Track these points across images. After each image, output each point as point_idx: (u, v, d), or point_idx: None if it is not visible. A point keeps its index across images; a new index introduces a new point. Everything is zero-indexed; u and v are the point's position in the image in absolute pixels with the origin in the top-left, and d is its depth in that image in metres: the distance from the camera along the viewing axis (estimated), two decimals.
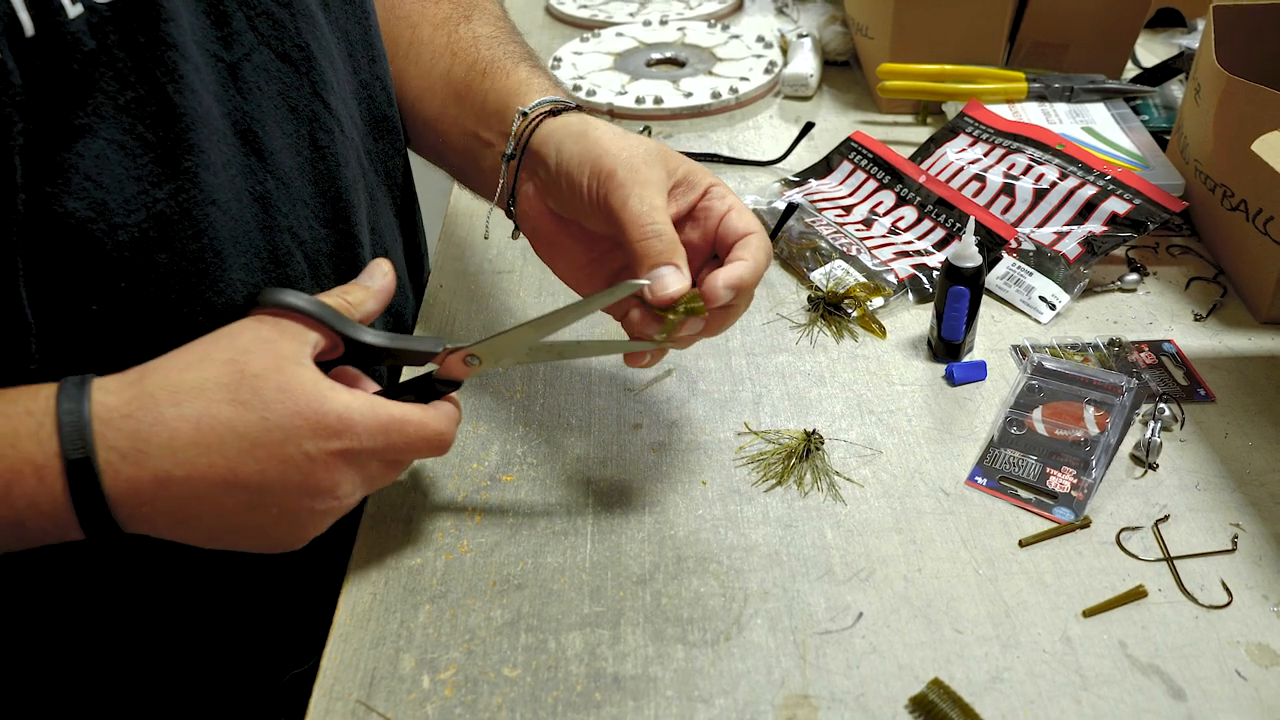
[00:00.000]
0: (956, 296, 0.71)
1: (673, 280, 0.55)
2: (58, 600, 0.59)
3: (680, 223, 0.59)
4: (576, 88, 1.12)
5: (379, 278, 0.58)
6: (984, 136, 0.94)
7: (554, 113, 0.63)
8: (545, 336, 0.56)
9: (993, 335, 0.78)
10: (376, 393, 0.54)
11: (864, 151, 0.95)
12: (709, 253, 0.60)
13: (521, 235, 0.66)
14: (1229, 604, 0.57)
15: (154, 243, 0.52)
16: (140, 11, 0.49)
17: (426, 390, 0.56)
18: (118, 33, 0.48)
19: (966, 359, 0.75)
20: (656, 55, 1.21)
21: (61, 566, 0.57)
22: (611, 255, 0.63)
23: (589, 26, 1.32)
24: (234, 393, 0.48)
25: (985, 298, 0.80)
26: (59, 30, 0.46)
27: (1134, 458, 0.66)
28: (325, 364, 0.53)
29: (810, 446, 0.67)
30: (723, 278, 0.55)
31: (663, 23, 1.29)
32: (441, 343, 0.56)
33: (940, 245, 0.86)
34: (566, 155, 0.59)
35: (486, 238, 0.72)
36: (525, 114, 0.63)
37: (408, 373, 0.56)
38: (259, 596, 0.66)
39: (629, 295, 0.56)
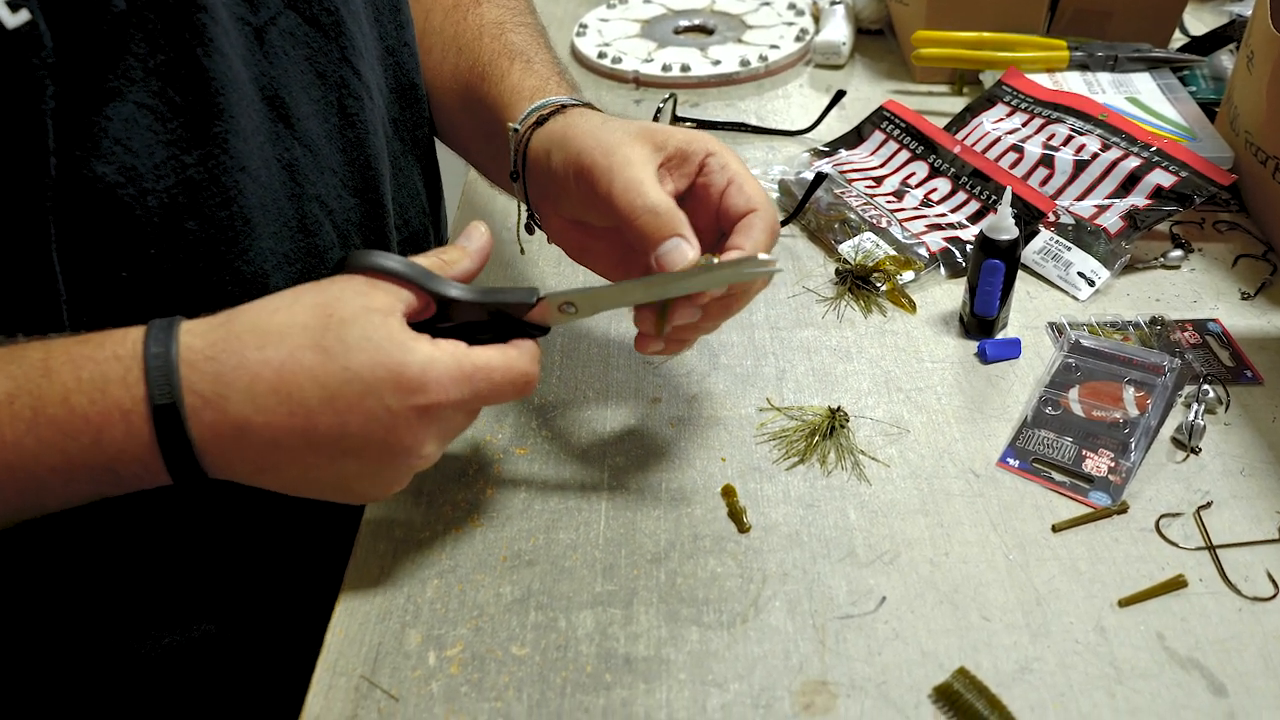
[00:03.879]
0: (991, 270, 0.69)
1: (681, 253, 0.52)
2: (57, 574, 0.58)
3: (684, 202, 0.56)
4: (603, 55, 1.10)
5: (476, 239, 0.55)
6: (1022, 106, 0.91)
7: (540, 122, 0.60)
8: (648, 296, 0.54)
9: (1028, 312, 0.75)
10: (454, 328, 0.52)
11: (897, 121, 0.92)
12: (718, 230, 0.57)
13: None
14: (1275, 596, 0.54)
15: (183, 209, 0.51)
16: None
17: (510, 329, 0.53)
18: None
19: (1000, 336, 0.72)
20: (684, 22, 1.18)
21: (62, 532, 0.56)
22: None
23: None
24: (319, 337, 0.47)
25: (1021, 273, 0.77)
26: None
27: (1175, 441, 0.63)
28: (418, 325, 0.51)
29: (835, 424, 0.64)
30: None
31: None
32: (535, 293, 0.53)
33: (974, 218, 0.83)
34: (554, 164, 0.58)
35: (522, 253, 0.72)
36: (516, 130, 0.61)
37: None
38: (267, 579, 0.65)
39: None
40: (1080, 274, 0.76)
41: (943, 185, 0.86)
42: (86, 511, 0.50)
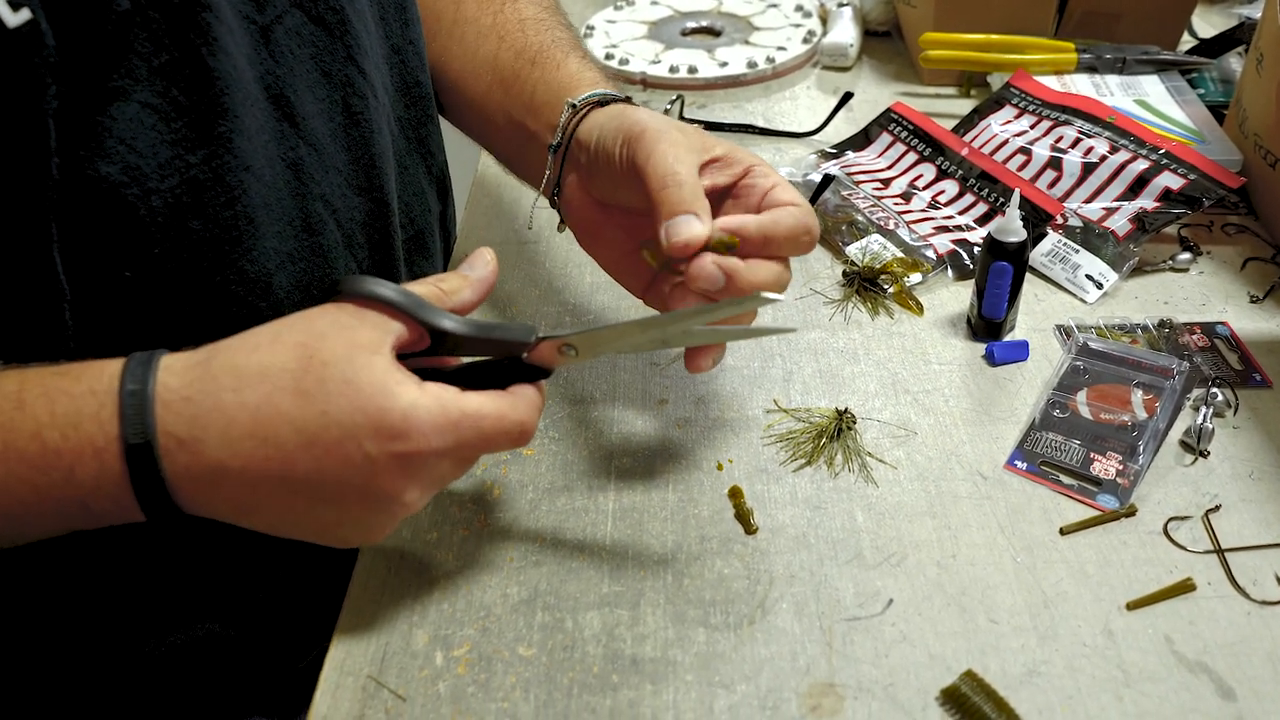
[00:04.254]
0: (999, 273, 0.68)
1: (690, 227, 0.52)
2: (63, 572, 0.58)
3: (720, 200, 0.57)
4: (610, 56, 1.10)
5: (480, 267, 0.53)
6: (1030, 108, 0.91)
7: (601, 104, 0.62)
8: (648, 337, 0.52)
9: (1035, 314, 0.74)
10: (456, 370, 0.51)
11: (904, 123, 0.92)
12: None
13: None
14: None
15: (187, 209, 0.51)
16: None
17: (513, 373, 0.51)
18: None
19: (1007, 338, 0.72)
20: (692, 24, 1.18)
21: (72, 544, 0.56)
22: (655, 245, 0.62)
23: None
24: (298, 380, 0.45)
25: (1028, 275, 0.77)
26: None
27: (1184, 444, 0.63)
28: (410, 356, 0.50)
29: (842, 426, 0.64)
30: (754, 222, 0.54)
31: None
32: (533, 332, 0.51)
33: (982, 220, 0.83)
34: (604, 133, 0.58)
35: (530, 228, 0.71)
36: (574, 106, 0.62)
37: None
38: (272, 577, 0.65)
39: (663, 281, 0.53)
40: (1088, 276, 0.76)
41: (950, 187, 0.86)
42: None
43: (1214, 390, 0.65)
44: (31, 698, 0.61)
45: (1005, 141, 0.88)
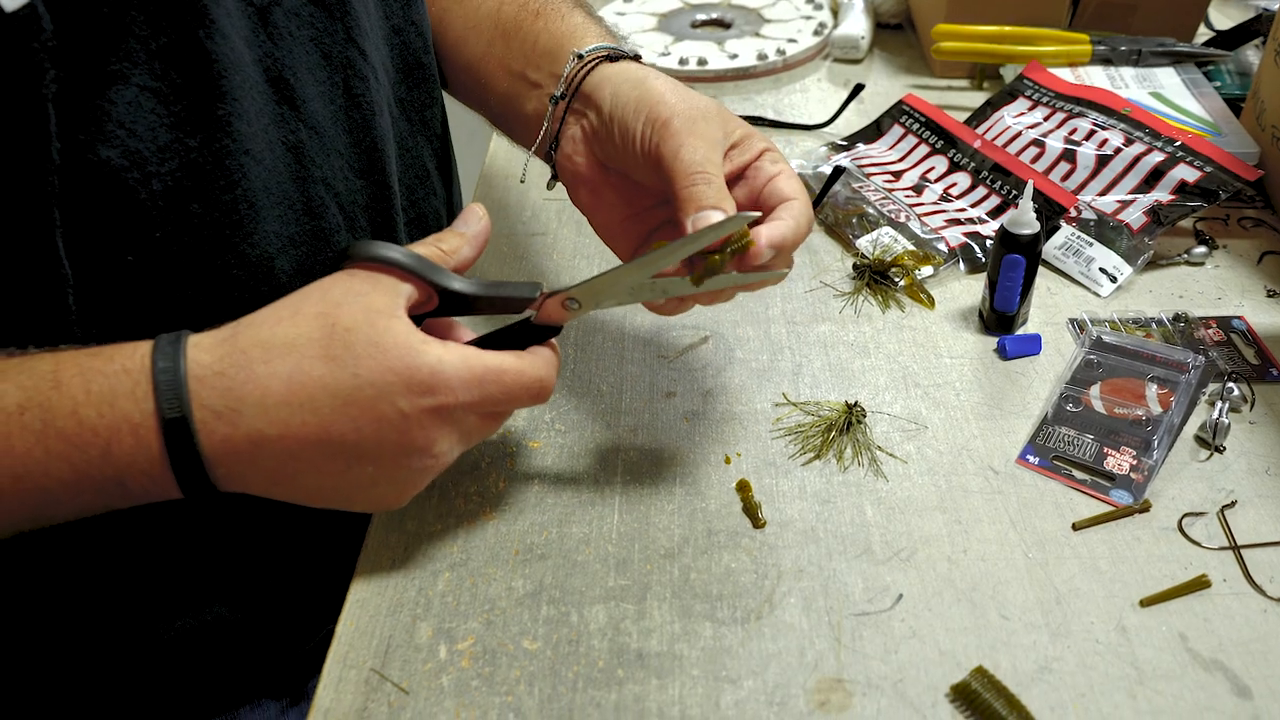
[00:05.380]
0: (1011, 265, 0.68)
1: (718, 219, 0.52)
2: (72, 556, 0.58)
3: (730, 181, 0.57)
4: None
5: (474, 223, 0.55)
6: (1044, 100, 0.90)
7: (611, 58, 0.61)
8: (645, 276, 0.54)
9: (1048, 308, 0.74)
10: (471, 341, 0.52)
11: (916, 115, 0.91)
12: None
13: (559, 185, 0.64)
14: None
15: (188, 192, 0.51)
16: None
17: (525, 336, 0.53)
18: None
19: (1020, 331, 0.71)
20: (702, 16, 1.17)
21: (76, 531, 0.56)
22: (651, 213, 0.61)
23: None
24: (325, 348, 0.47)
25: (1041, 268, 0.76)
26: None
27: (1199, 439, 0.62)
28: (420, 316, 0.51)
29: (852, 419, 0.63)
30: (766, 234, 0.53)
31: None
32: (538, 288, 0.53)
33: (994, 213, 0.82)
34: (622, 101, 0.57)
35: (523, 181, 0.69)
36: (581, 56, 0.61)
37: (503, 320, 0.53)
38: (278, 562, 0.64)
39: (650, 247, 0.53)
40: (1102, 270, 0.75)
41: (962, 180, 0.85)
42: None
43: (1230, 385, 0.64)
44: (41, 684, 0.61)
45: (1018, 134, 0.87)
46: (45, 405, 0.45)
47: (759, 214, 0.53)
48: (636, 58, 0.62)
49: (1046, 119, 0.88)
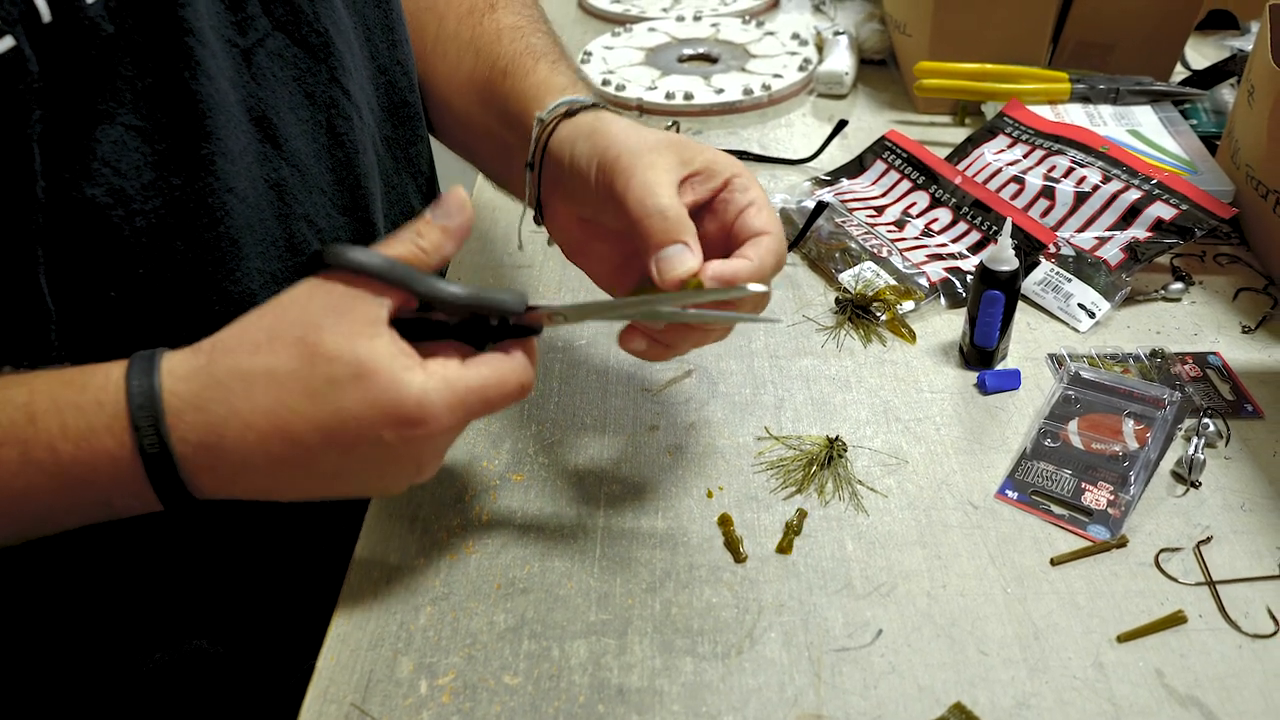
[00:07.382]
0: (991, 301, 0.68)
1: (681, 259, 0.51)
2: (50, 588, 0.58)
3: (699, 215, 0.56)
4: (606, 82, 1.10)
5: (456, 214, 0.51)
6: (1024, 137, 0.91)
7: (570, 114, 0.60)
8: (630, 312, 0.54)
9: (1027, 343, 0.74)
10: (447, 329, 0.51)
11: (898, 151, 0.92)
12: (726, 248, 0.57)
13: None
14: (1275, 633, 0.53)
15: (171, 230, 0.52)
16: None
17: (502, 330, 0.52)
18: (135, 17, 0.48)
19: (999, 367, 0.72)
20: (688, 50, 1.19)
21: (52, 556, 0.56)
22: (640, 258, 0.61)
23: (621, 21, 1.30)
24: (306, 382, 0.46)
25: (1021, 304, 0.77)
26: (77, 15, 0.46)
27: (1175, 475, 0.63)
28: (402, 321, 0.50)
29: (833, 454, 0.64)
30: (713, 269, 0.52)
31: (696, 18, 1.26)
32: (524, 301, 0.51)
33: (975, 249, 0.83)
34: (579, 152, 0.57)
35: (521, 248, 0.69)
36: (542, 120, 0.60)
37: None
38: (259, 594, 0.64)
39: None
40: (1080, 306, 0.76)
41: (944, 215, 0.86)
42: (80, 529, 0.50)
43: (1206, 421, 0.65)
44: (18, 713, 0.60)
45: (998, 170, 0.88)
46: (21, 439, 0.44)
47: (762, 288, 0.52)
48: (595, 105, 0.61)
49: (1026, 156, 0.89)
